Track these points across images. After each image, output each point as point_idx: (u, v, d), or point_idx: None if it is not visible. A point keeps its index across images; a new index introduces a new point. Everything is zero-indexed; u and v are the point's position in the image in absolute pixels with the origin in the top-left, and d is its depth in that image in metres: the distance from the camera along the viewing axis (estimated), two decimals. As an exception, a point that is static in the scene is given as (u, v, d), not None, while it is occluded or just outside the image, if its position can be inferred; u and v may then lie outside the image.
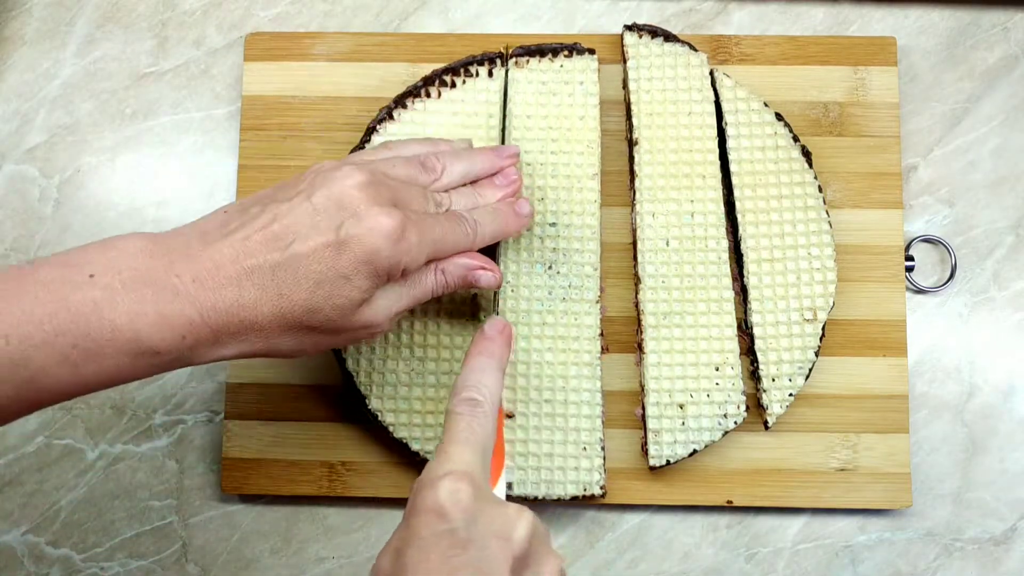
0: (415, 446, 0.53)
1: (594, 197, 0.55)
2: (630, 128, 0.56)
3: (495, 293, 0.54)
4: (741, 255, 0.55)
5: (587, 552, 0.56)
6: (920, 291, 0.58)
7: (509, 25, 0.61)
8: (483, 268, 0.47)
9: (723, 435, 0.53)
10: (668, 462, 0.53)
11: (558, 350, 0.54)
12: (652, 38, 0.57)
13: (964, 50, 0.60)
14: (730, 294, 0.55)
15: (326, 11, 0.61)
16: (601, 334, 0.55)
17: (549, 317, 0.54)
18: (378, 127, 0.56)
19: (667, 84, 0.56)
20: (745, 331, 0.55)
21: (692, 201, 0.55)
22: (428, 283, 0.46)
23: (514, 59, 0.57)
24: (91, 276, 0.38)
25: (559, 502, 0.54)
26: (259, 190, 0.57)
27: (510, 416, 0.53)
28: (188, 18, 0.61)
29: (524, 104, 0.56)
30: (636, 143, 0.56)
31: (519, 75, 0.57)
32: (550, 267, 0.55)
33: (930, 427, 0.57)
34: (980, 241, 0.58)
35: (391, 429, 0.54)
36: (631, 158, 0.56)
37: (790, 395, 0.54)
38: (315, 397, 0.56)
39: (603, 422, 0.54)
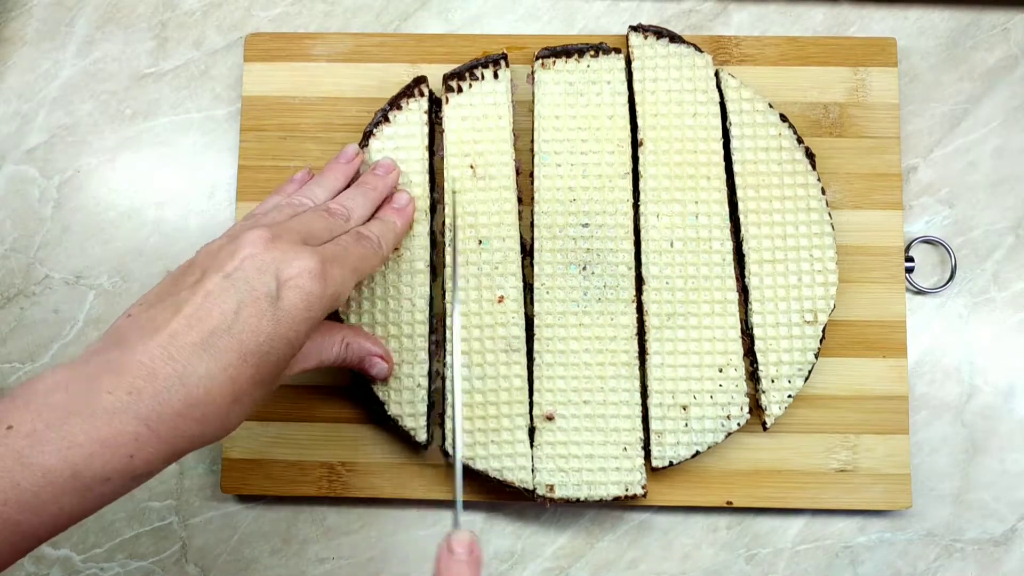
0: (452, 452, 0.53)
1: (626, 196, 0.55)
2: (635, 129, 0.56)
3: (530, 296, 0.55)
4: (743, 256, 0.55)
5: (587, 552, 0.56)
6: (920, 292, 0.58)
7: (509, 26, 0.61)
8: (380, 358, 0.51)
9: (726, 436, 0.53)
10: (671, 463, 0.53)
11: (595, 351, 0.54)
12: (657, 39, 0.57)
13: (964, 51, 0.60)
14: (734, 295, 0.55)
15: (326, 12, 0.61)
16: (642, 334, 0.55)
17: (585, 318, 0.54)
18: (374, 131, 0.56)
19: (672, 85, 0.56)
20: (745, 332, 0.55)
21: (697, 202, 0.55)
22: (332, 351, 0.48)
23: (540, 60, 0.57)
24: (9, 428, 0.35)
25: (597, 503, 0.53)
26: (259, 190, 0.57)
27: (550, 418, 0.53)
28: (188, 19, 0.61)
29: (552, 105, 0.56)
30: (641, 144, 0.56)
31: (545, 76, 0.56)
32: (584, 268, 0.55)
33: (930, 428, 0.57)
34: (980, 242, 0.58)
35: (412, 434, 0.53)
36: (635, 159, 0.56)
37: (789, 396, 0.54)
38: (315, 397, 0.56)
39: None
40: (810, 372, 0.54)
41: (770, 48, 0.58)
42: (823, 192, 0.56)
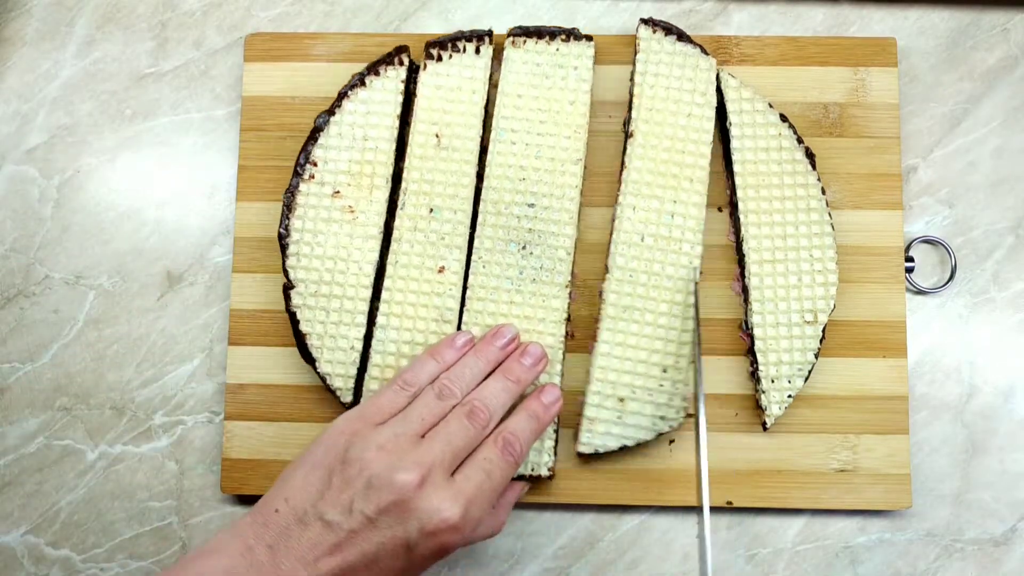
0: None
1: (575, 182, 0.55)
2: (628, 120, 0.56)
3: (466, 267, 0.55)
4: (743, 255, 0.55)
5: (587, 552, 0.56)
6: (920, 292, 0.58)
7: (509, 25, 0.61)
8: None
9: (656, 436, 0.53)
10: (597, 452, 0.53)
11: (522, 329, 0.54)
12: (666, 35, 0.57)
13: (964, 51, 0.60)
14: (693, 299, 0.54)
15: (326, 12, 0.61)
16: (568, 319, 0.55)
17: (517, 296, 0.54)
18: (349, 93, 0.56)
19: (672, 83, 0.56)
20: (745, 331, 0.55)
21: (675, 202, 0.55)
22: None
23: (511, 38, 0.57)
24: None
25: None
26: (259, 190, 0.57)
27: None
28: (188, 19, 0.61)
29: (516, 83, 0.56)
30: (631, 135, 0.56)
31: (514, 54, 0.57)
32: (524, 247, 0.55)
33: (930, 428, 0.57)
34: (980, 242, 0.58)
35: (338, 394, 0.54)
36: (624, 150, 0.56)
37: (789, 396, 0.54)
38: (315, 397, 0.56)
39: (560, 406, 0.54)
40: (810, 372, 0.54)
41: (770, 48, 0.58)
42: (823, 192, 0.56)
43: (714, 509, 0.56)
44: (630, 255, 0.55)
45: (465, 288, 0.55)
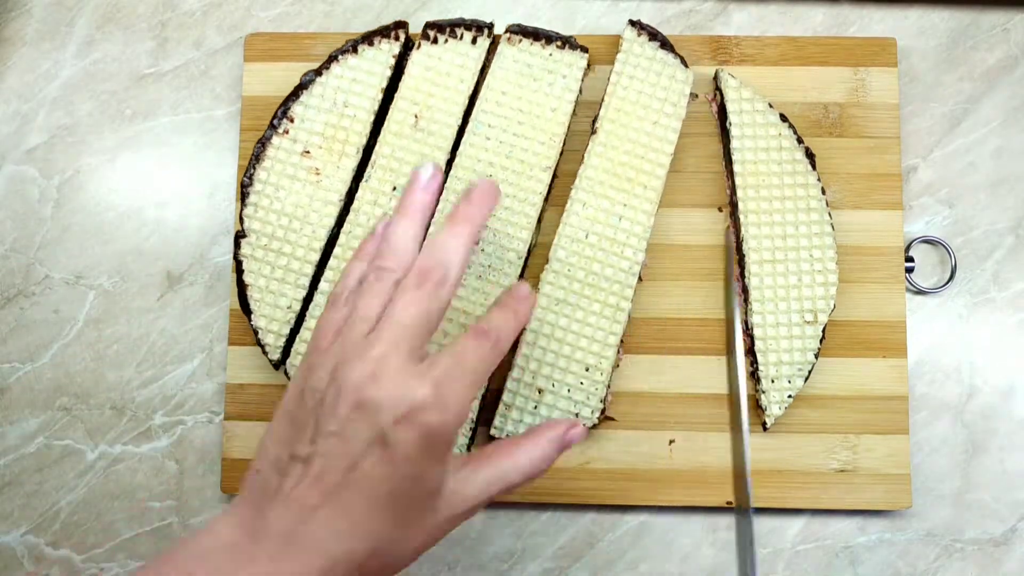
0: (292, 372, 0.54)
1: (540, 188, 0.55)
2: (595, 118, 0.56)
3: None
4: (743, 255, 0.55)
5: (587, 552, 0.56)
6: (920, 292, 0.58)
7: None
8: (573, 427, 0.43)
9: None
10: (507, 435, 0.54)
11: (459, 323, 0.54)
12: (649, 39, 0.57)
13: (964, 51, 0.60)
14: (628, 305, 0.54)
15: (326, 12, 0.61)
16: None
17: (461, 291, 0.54)
18: (339, 57, 0.56)
19: (645, 88, 0.56)
20: (745, 331, 0.55)
21: (625, 205, 0.55)
22: (471, 491, 0.41)
23: (508, 34, 0.57)
24: None
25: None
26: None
27: None
28: (188, 19, 0.61)
29: (504, 80, 0.56)
30: (595, 132, 0.56)
31: (508, 51, 0.57)
32: (476, 243, 0.55)
33: (930, 428, 0.57)
34: (980, 242, 0.58)
35: (266, 350, 0.54)
36: (586, 146, 0.56)
37: (789, 396, 0.54)
38: (315, 398, 0.56)
39: (482, 404, 0.54)
40: (810, 372, 0.54)
41: (770, 48, 0.58)
42: (823, 192, 0.56)
43: (714, 509, 0.56)
44: (571, 250, 0.55)
45: None
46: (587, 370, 0.54)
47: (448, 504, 0.40)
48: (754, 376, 0.55)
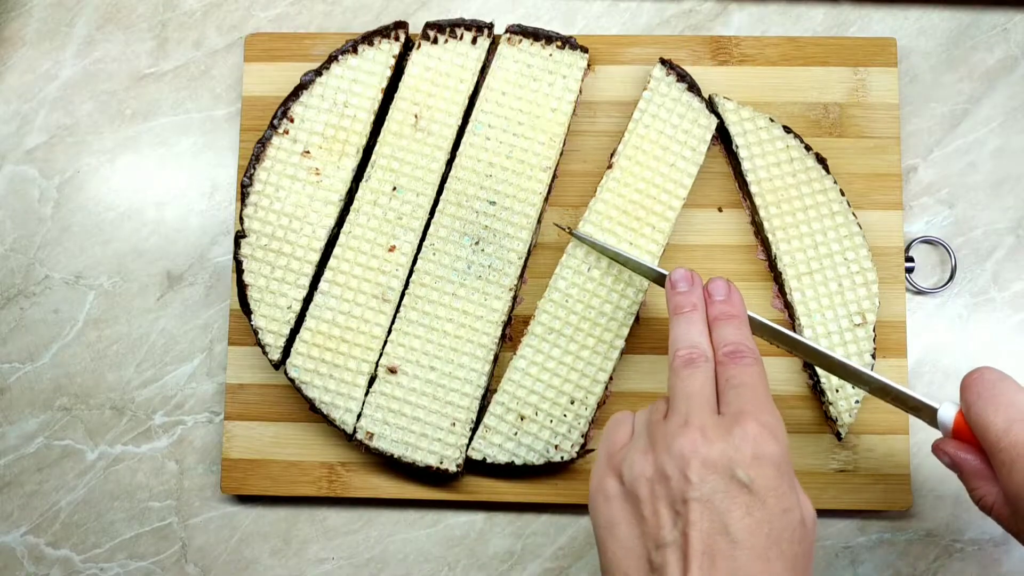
0: (292, 373, 0.54)
1: (540, 188, 0.55)
2: (613, 152, 0.56)
3: (417, 251, 0.55)
4: (779, 273, 0.55)
5: (587, 552, 0.56)
6: (920, 292, 0.58)
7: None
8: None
9: (545, 463, 0.53)
10: (484, 460, 0.54)
11: (459, 324, 0.54)
12: (678, 80, 0.56)
13: (964, 51, 0.60)
14: (621, 343, 0.54)
15: (326, 12, 0.61)
16: (509, 323, 0.55)
17: (461, 290, 0.54)
18: (340, 57, 0.56)
19: (667, 129, 0.55)
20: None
21: (631, 244, 0.55)
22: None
23: (508, 35, 0.57)
24: None
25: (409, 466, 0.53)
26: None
27: (393, 371, 0.54)
28: (188, 19, 0.61)
29: (504, 80, 0.56)
30: (611, 167, 0.55)
31: (508, 51, 0.57)
32: (477, 243, 0.55)
33: (930, 428, 0.57)
34: (980, 242, 0.58)
35: (266, 350, 0.54)
36: (601, 180, 0.56)
37: (856, 402, 0.54)
38: (315, 398, 0.56)
39: (480, 407, 0.54)
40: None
41: (770, 48, 0.58)
42: (842, 193, 0.55)
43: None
44: (572, 281, 0.54)
45: (412, 272, 0.55)
46: (572, 403, 0.54)
47: (812, 533, 0.39)
48: (816, 389, 0.55)
